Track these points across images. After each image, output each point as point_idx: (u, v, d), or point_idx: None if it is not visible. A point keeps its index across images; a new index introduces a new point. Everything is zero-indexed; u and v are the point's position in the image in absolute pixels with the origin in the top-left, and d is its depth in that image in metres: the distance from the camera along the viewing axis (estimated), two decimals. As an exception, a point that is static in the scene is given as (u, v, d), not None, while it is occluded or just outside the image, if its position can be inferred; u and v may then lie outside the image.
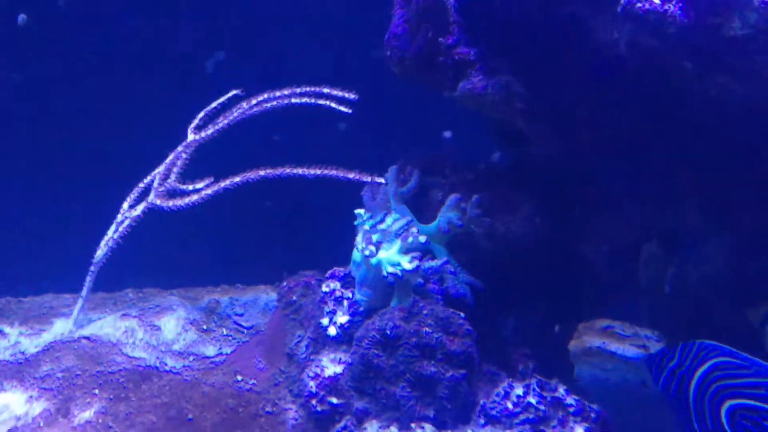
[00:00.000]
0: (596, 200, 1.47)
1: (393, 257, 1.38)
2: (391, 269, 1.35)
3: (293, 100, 2.20)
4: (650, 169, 1.44)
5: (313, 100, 2.08)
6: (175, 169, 2.36)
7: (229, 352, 1.98)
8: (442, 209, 1.49)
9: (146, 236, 2.23)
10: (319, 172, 2.02)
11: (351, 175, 1.64)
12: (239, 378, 1.73)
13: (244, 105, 2.32)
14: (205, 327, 2.27)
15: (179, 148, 2.41)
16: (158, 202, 2.23)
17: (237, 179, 2.33)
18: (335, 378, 1.29)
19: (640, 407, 1.89)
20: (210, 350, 2.09)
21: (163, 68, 2.82)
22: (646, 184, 1.44)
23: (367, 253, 1.40)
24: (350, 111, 1.86)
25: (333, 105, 1.92)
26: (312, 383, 1.30)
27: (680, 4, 1.14)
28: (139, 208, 2.14)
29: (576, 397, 1.25)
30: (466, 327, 1.27)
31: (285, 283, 1.83)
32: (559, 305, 1.52)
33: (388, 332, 1.25)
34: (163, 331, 2.18)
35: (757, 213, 1.34)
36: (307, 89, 2.10)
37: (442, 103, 1.52)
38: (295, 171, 2.37)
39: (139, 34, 2.81)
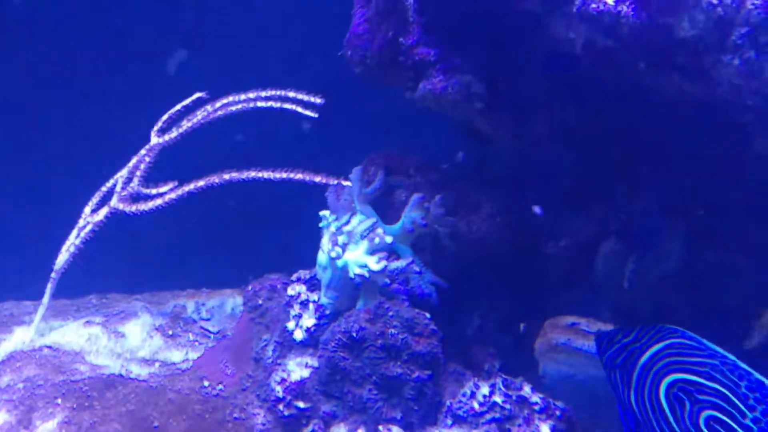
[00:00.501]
0: (557, 197, 1.49)
1: (360, 258, 1.38)
2: (358, 270, 1.36)
3: (259, 104, 2.19)
4: (609, 165, 1.47)
5: (279, 105, 2.07)
6: (138, 173, 2.33)
7: (195, 357, 1.96)
8: (405, 209, 1.50)
9: (110, 241, 2.19)
10: (285, 175, 2.02)
11: (317, 179, 1.64)
12: (206, 384, 1.71)
13: (209, 108, 2.30)
14: (170, 332, 2.25)
15: (142, 152, 2.37)
16: (121, 206, 2.19)
17: (201, 183, 2.31)
18: (302, 382, 1.29)
19: (607, 403, 1.93)
20: (176, 356, 2.07)
21: (126, 69, 2.78)
22: (605, 180, 1.47)
23: (333, 254, 1.40)
24: (316, 115, 1.86)
25: (299, 109, 1.92)
26: (279, 388, 1.30)
27: (633, 5, 1.16)
28: (102, 213, 2.10)
29: (541, 395, 1.26)
30: (432, 327, 1.28)
31: (250, 287, 1.82)
32: (523, 303, 1.54)
33: (354, 334, 1.25)
34: (127, 337, 2.15)
35: (711, 207, 1.38)
36: (273, 93, 2.09)
37: (408, 102, 1.52)
38: (260, 174, 2.36)
39: (100, 34, 2.76)
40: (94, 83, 2.72)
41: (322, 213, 1.50)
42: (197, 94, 2.30)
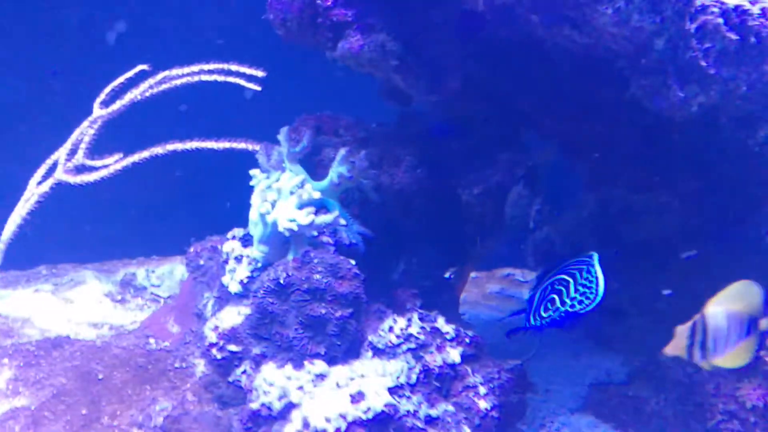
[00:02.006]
0: (471, 148, 1.59)
1: (288, 213, 1.47)
2: (287, 224, 1.44)
3: (203, 78, 2.24)
4: (515, 115, 1.57)
5: (222, 78, 2.13)
6: (83, 145, 2.37)
7: (143, 319, 2.04)
8: (333, 165, 1.58)
9: (59, 212, 2.23)
10: (224, 145, 2.09)
11: (257, 147, 1.72)
12: (152, 341, 1.79)
13: (152, 81, 2.35)
14: (119, 298, 2.31)
15: (85, 123, 2.41)
16: (65, 177, 2.23)
17: (145, 154, 2.37)
18: (234, 328, 1.37)
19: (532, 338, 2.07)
20: (125, 319, 2.14)
21: (66, 41, 2.77)
22: (513, 129, 1.57)
23: (263, 210, 1.48)
24: (259, 88, 1.93)
25: (242, 83, 1.99)
26: (212, 334, 1.38)
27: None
28: (47, 185, 2.14)
29: (453, 326, 1.37)
30: (354, 271, 1.38)
31: (192, 249, 1.89)
32: (446, 248, 1.65)
33: (282, 281, 1.34)
34: (77, 304, 2.21)
35: (606, 150, 1.50)
36: (216, 66, 2.14)
37: (330, 61, 1.59)
38: (203, 144, 2.42)
39: (35, 6, 2.75)
40: (32, 56, 2.71)
41: (251, 172, 1.58)
42: (139, 67, 2.34)
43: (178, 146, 2.45)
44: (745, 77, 1.20)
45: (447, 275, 1.76)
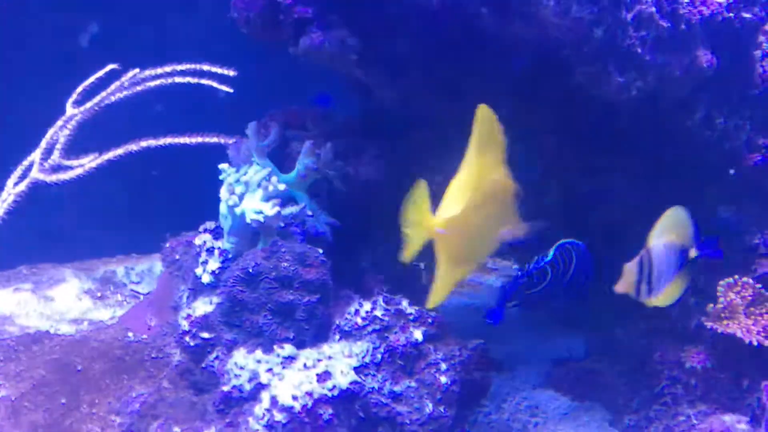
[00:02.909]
0: (432, 139, 1.65)
1: (256, 205, 1.52)
2: (254, 216, 1.50)
3: (176, 79, 2.29)
4: (473, 106, 1.63)
5: (195, 80, 2.18)
6: (58, 145, 2.41)
7: (125, 313, 2.09)
8: (299, 157, 1.64)
9: (38, 212, 2.27)
10: (201, 140, 2.14)
11: (231, 141, 1.77)
12: (130, 334, 1.84)
13: (125, 81, 2.39)
14: (99, 295, 2.36)
15: (59, 123, 2.44)
16: (41, 177, 2.27)
17: (120, 151, 2.41)
18: (206, 316, 1.43)
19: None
20: (104, 315, 2.19)
21: (39, 42, 2.80)
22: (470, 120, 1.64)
23: (231, 203, 1.54)
24: (231, 90, 1.99)
25: (215, 84, 2.04)
26: (185, 322, 1.44)
27: (473, -42, 1.32)
28: (23, 184, 2.18)
29: (417, 308, 1.44)
30: (321, 258, 1.44)
31: (168, 244, 1.95)
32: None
33: (251, 270, 1.40)
34: (57, 301, 2.26)
35: (561, 137, 1.57)
36: (188, 67, 2.19)
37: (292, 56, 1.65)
38: (176, 140, 2.47)
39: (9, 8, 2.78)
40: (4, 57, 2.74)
41: (221, 166, 1.63)
42: (110, 66, 2.38)
43: (152, 142, 2.50)
44: (678, 62, 1.27)
45: (419, 264, 1.83)
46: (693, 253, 1.19)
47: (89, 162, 2.40)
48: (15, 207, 2.16)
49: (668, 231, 1.17)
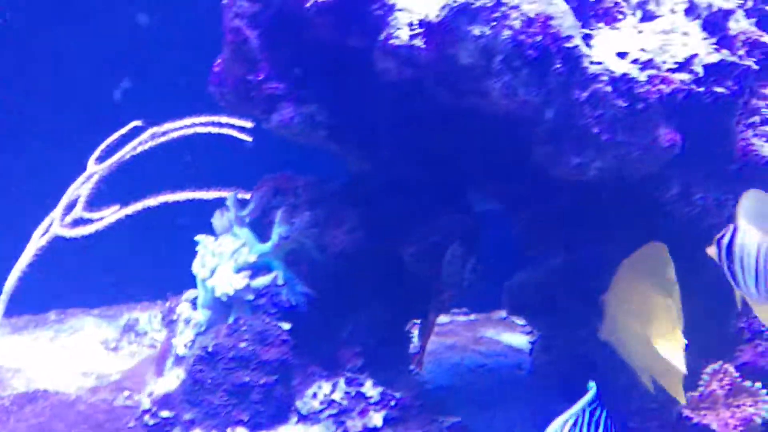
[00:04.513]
0: (411, 209, 1.62)
1: (226, 277, 1.54)
2: (223, 289, 1.51)
3: (197, 130, 2.38)
4: (453, 176, 1.60)
5: (216, 131, 2.25)
6: (81, 199, 2.53)
7: (128, 369, 2.15)
8: (274, 226, 1.65)
9: (70, 257, 2.39)
10: (219, 194, 2.21)
11: (248, 196, 1.82)
12: (125, 393, 1.89)
13: (146, 136, 2.50)
14: (113, 346, 2.44)
15: (80, 179, 2.57)
16: (62, 232, 2.39)
17: (139, 206, 2.51)
18: (168, 394, 1.45)
19: (511, 386, 2.06)
20: (114, 368, 2.26)
21: (72, 97, 2.96)
22: (454, 189, 1.60)
23: (202, 276, 1.56)
24: (250, 139, 2.04)
25: (234, 134, 2.11)
26: (147, 400, 1.46)
27: (424, 39, 1.29)
28: (45, 239, 2.30)
29: (380, 389, 1.41)
30: (283, 337, 1.44)
31: (168, 303, 2.00)
32: (392, 306, 1.68)
33: (210, 349, 1.41)
34: (71, 352, 2.35)
35: (538, 205, 1.50)
36: (207, 119, 2.27)
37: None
38: (193, 195, 2.55)
39: (46, 66, 2.95)
40: (43, 113, 2.91)
41: (197, 237, 1.66)
42: (133, 123, 2.49)
43: (169, 198, 2.59)
44: (637, 142, 1.19)
45: (409, 329, 1.79)
46: None
47: (110, 214, 2.50)
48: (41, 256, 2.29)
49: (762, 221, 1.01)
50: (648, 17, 1.39)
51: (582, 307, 1.64)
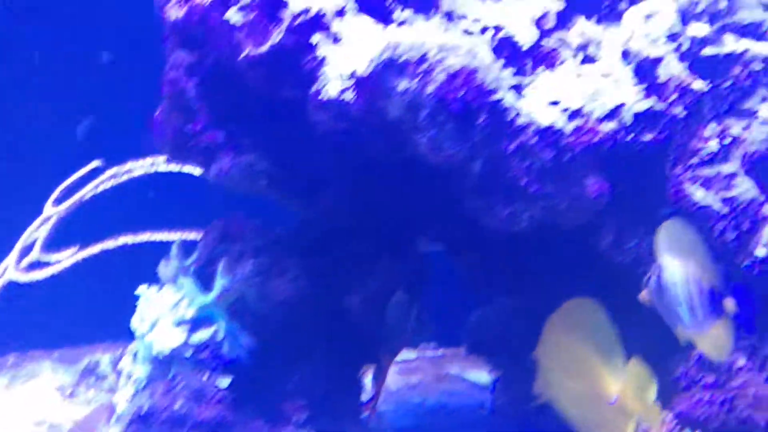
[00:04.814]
0: (355, 256, 1.60)
1: (165, 333, 1.51)
2: (160, 346, 1.48)
3: (158, 169, 2.35)
4: (394, 222, 1.58)
5: (176, 169, 2.23)
6: (38, 242, 2.50)
7: (81, 417, 2.10)
8: (216, 276, 1.62)
9: (29, 296, 2.36)
10: (181, 236, 2.19)
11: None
12: (71, 447, 1.85)
13: (104, 178, 2.48)
14: (69, 392, 2.39)
15: (36, 222, 2.54)
16: (18, 276, 2.36)
17: (96, 249, 2.48)
18: (104, 455, 1.42)
19: (471, 427, 2.03)
20: (67, 417, 2.21)
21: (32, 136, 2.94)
22: (392, 238, 1.58)
23: (140, 332, 1.53)
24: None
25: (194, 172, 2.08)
26: (81, 462, 1.43)
27: (354, 92, 1.27)
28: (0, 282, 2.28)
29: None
30: (220, 395, 1.40)
31: (120, 351, 1.96)
32: (340, 353, 1.65)
33: (145, 410, 1.38)
34: (24, 401, 2.30)
35: (478, 251, 1.49)
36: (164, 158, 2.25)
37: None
38: (153, 237, 2.52)
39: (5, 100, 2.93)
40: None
41: (137, 291, 1.62)
42: (93, 164, 2.47)
43: (129, 239, 2.55)
44: (564, 193, 1.18)
45: (361, 376, 1.76)
46: (729, 305, 0.99)
47: (66, 258, 2.47)
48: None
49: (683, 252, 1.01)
50: (588, 60, 1.39)
51: (534, 347, 1.63)
